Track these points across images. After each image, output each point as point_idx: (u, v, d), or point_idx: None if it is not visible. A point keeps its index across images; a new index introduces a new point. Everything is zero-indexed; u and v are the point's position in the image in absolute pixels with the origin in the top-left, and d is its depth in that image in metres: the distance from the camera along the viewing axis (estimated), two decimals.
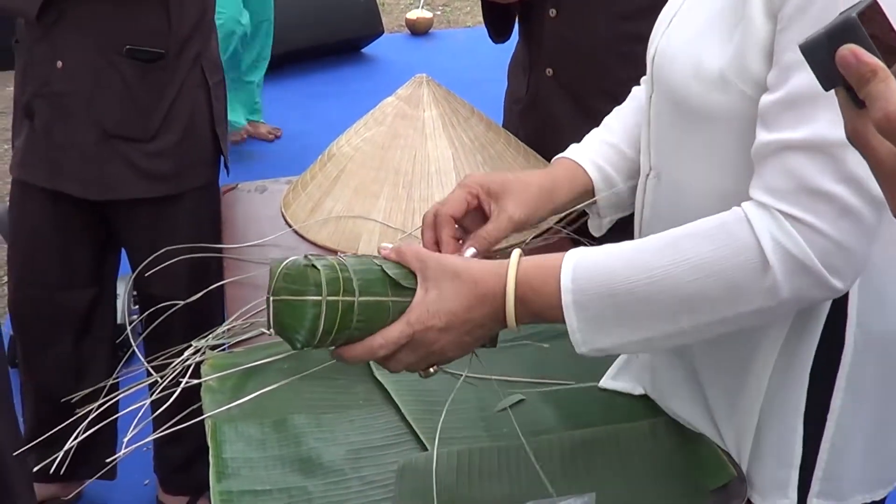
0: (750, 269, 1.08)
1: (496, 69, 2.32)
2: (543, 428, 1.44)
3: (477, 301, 1.15)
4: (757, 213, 1.10)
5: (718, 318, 1.11)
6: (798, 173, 1.08)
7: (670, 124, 1.28)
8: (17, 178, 2.39)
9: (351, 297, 1.14)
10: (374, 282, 1.17)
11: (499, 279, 1.15)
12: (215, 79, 2.38)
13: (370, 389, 1.53)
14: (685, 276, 1.10)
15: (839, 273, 1.09)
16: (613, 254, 1.14)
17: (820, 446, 1.26)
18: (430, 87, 2.06)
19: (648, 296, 1.11)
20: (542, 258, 1.18)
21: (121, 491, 2.83)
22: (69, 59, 2.21)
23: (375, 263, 1.19)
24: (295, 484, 1.34)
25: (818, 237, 1.07)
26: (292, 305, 1.13)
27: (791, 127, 1.09)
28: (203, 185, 2.39)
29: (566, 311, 1.13)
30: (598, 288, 1.12)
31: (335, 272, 1.15)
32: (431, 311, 1.16)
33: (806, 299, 1.11)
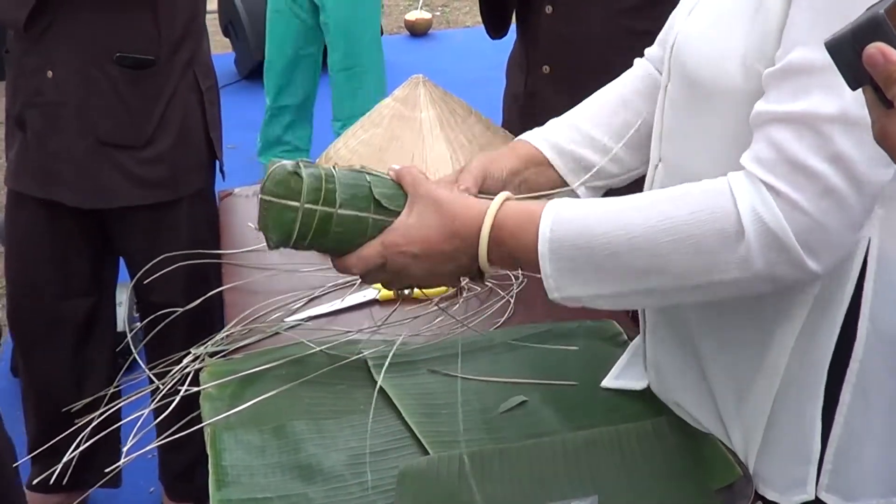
0: (724, 237, 1.08)
1: (497, 69, 2.31)
2: (545, 429, 1.43)
3: (452, 234, 1.19)
4: (741, 182, 1.09)
5: (691, 283, 1.11)
6: (784, 146, 1.07)
7: (684, 113, 1.27)
8: (12, 188, 2.38)
9: (330, 208, 1.20)
10: (358, 197, 1.21)
11: (477, 217, 1.19)
12: (208, 83, 2.37)
13: (370, 394, 1.51)
14: (661, 237, 1.10)
15: (815, 254, 1.07)
16: (596, 208, 1.16)
17: (829, 438, 1.24)
18: (426, 88, 2.05)
19: (624, 252, 1.12)
20: (523, 203, 1.20)
21: (126, 499, 2.82)
22: (59, 68, 2.19)
23: (366, 179, 1.23)
24: (295, 491, 1.32)
25: (797, 213, 1.06)
26: (273, 207, 1.20)
27: (785, 99, 1.08)
28: (199, 191, 2.38)
29: (541, 259, 1.15)
30: (576, 239, 1.13)
31: (319, 182, 1.20)
32: (406, 237, 1.20)
33: (779, 278, 1.10)
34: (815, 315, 1.20)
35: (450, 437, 1.42)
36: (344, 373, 1.55)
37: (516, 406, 1.48)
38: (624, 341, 1.59)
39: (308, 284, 1.81)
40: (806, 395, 1.23)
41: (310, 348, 1.58)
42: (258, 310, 1.74)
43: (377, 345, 1.62)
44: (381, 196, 1.22)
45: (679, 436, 1.38)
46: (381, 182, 1.24)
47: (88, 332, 2.51)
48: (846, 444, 1.24)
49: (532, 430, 1.43)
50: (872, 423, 1.24)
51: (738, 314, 1.25)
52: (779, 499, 1.28)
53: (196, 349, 1.62)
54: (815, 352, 1.22)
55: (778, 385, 1.24)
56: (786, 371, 1.23)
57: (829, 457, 1.24)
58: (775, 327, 1.23)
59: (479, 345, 1.63)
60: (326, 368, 1.55)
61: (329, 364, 1.56)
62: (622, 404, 1.47)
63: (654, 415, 1.43)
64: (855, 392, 1.22)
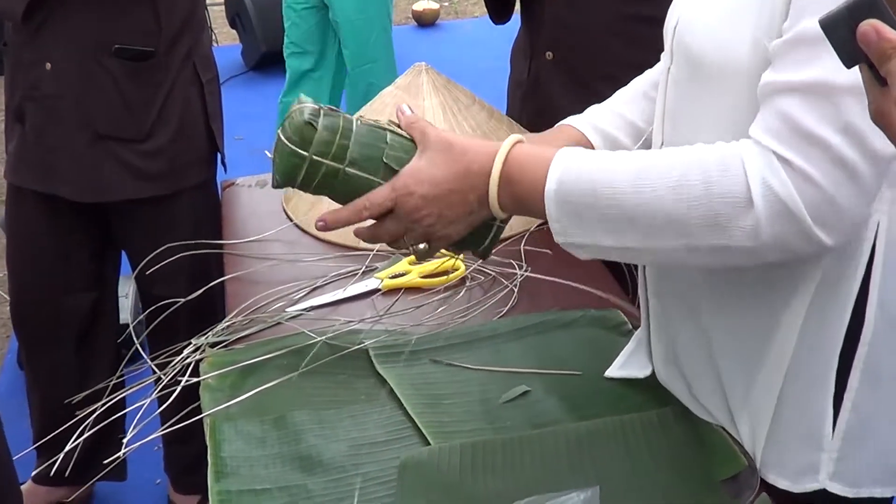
0: (733, 204, 1.07)
1: (504, 59, 2.29)
2: (548, 419, 1.41)
3: (462, 171, 1.19)
4: (752, 150, 1.08)
5: (696, 244, 1.10)
6: (795, 116, 1.06)
7: (688, 95, 1.26)
8: (12, 182, 2.36)
9: (338, 164, 1.21)
10: (370, 158, 1.22)
11: (489, 153, 1.19)
12: (208, 75, 2.35)
13: (371, 384, 1.51)
14: (669, 196, 1.09)
15: (826, 226, 1.06)
16: (607, 159, 1.15)
17: (836, 426, 1.23)
18: (429, 76, 2.03)
19: (630, 207, 1.11)
20: (537, 147, 1.20)
21: (132, 491, 2.81)
22: (57, 61, 2.18)
23: (385, 140, 1.22)
24: (295, 482, 1.31)
25: (809, 185, 1.04)
26: (283, 149, 1.21)
27: (794, 69, 1.06)
28: (200, 183, 2.36)
29: (547, 201, 1.15)
30: (583, 186, 1.13)
31: (333, 136, 1.20)
32: (416, 178, 1.20)
33: (789, 248, 1.08)
34: (823, 300, 1.19)
35: (452, 427, 1.40)
36: (345, 363, 1.54)
37: (519, 396, 1.46)
38: (628, 330, 1.57)
39: (310, 274, 1.80)
40: (816, 381, 1.22)
41: (311, 338, 1.57)
42: (259, 300, 1.73)
43: (379, 335, 1.60)
44: (393, 160, 1.22)
45: (684, 426, 1.36)
46: (400, 145, 1.23)
47: (91, 325, 2.50)
48: (854, 431, 1.23)
49: (535, 420, 1.42)
50: (880, 409, 1.23)
51: (745, 299, 1.23)
52: (789, 486, 1.26)
53: (197, 339, 1.61)
54: (824, 337, 1.20)
55: (786, 370, 1.23)
56: (794, 356, 1.22)
57: (835, 443, 1.23)
58: (782, 312, 1.21)
59: (481, 334, 1.61)
60: (328, 358, 1.54)
61: (330, 354, 1.55)
62: (626, 394, 1.46)
63: (660, 405, 1.41)
64: (863, 377, 1.21)
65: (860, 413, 1.22)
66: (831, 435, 1.23)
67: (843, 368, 1.21)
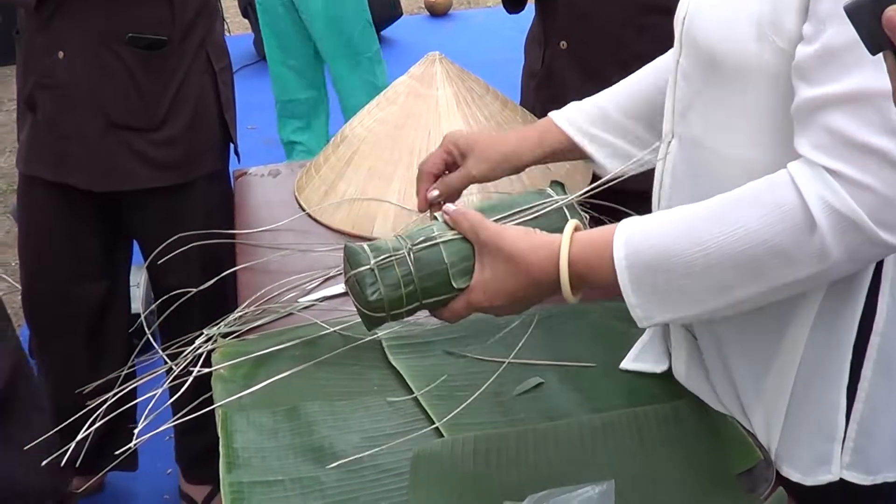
0: (797, 232, 1.05)
1: (518, 49, 2.28)
2: (562, 412, 1.40)
3: (532, 283, 1.19)
4: (803, 172, 1.06)
5: (773, 286, 1.09)
6: (842, 128, 1.04)
7: (697, 87, 1.25)
8: (24, 172, 2.36)
9: (414, 303, 1.28)
10: (439, 284, 1.26)
11: (551, 262, 1.18)
12: (221, 64, 2.34)
13: (385, 376, 1.50)
14: (736, 247, 1.08)
15: (890, 227, 1.04)
16: (664, 225, 1.14)
17: (850, 416, 1.23)
18: (443, 66, 2.02)
19: (702, 269, 1.10)
20: (592, 234, 1.19)
21: (144, 481, 2.81)
22: (70, 49, 2.17)
23: (442, 262, 1.25)
24: (307, 473, 1.30)
25: (866, 193, 1.03)
26: (364, 315, 1.30)
27: (832, 80, 1.05)
28: (213, 173, 2.36)
29: (623, 288, 1.14)
30: (651, 263, 1.12)
31: (398, 290, 1.26)
32: (487, 293, 1.23)
33: (861, 258, 1.07)
34: (835, 293, 1.18)
35: (465, 419, 1.39)
36: (358, 354, 1.53)
37: (532, 388, 1.45)
38: None
39: (322, 264, 1.79)
40: (829, 374, 1.22)
41: (324, 329, 1.56)
42: (272, 290, 1.72)
43: (392, 326, 1.59)
44: (459, 277, 1.25)
45: (699, 419, 1.36)
46: (458, 254, 1.26)
47: (102, 315, 2.50)
48: (868, 421, 1.23)
49: (548, 412, 1.41)
50: (893, 398, 1.22)
51: None
52: (802, 479, 1.26)
53: (209, 329, 1.60)
54: (836, 329, 1.20)
55: (798, 364, 1.22)
56: (807, 349, 1.21)
57: (850, 434, 1.23)
58: (792, 308, 1.21)
59: (495, 326, 1.60)
60: (340, 349, 1.53)
61: (343, 345, 1.54)
62: (641, 386, 1.45)
63: (674, 398, 1.40)
64: (876, 367, 1.21)
65: (874, 403, 1.22)
66: (845, 426, 1.23)
67: (856, 359, 1.21)
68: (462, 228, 1.25)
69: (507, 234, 1.21)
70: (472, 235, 1.24)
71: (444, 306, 1.27)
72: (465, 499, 1.24)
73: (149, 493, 2.85)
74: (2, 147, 5.07)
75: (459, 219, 1.25)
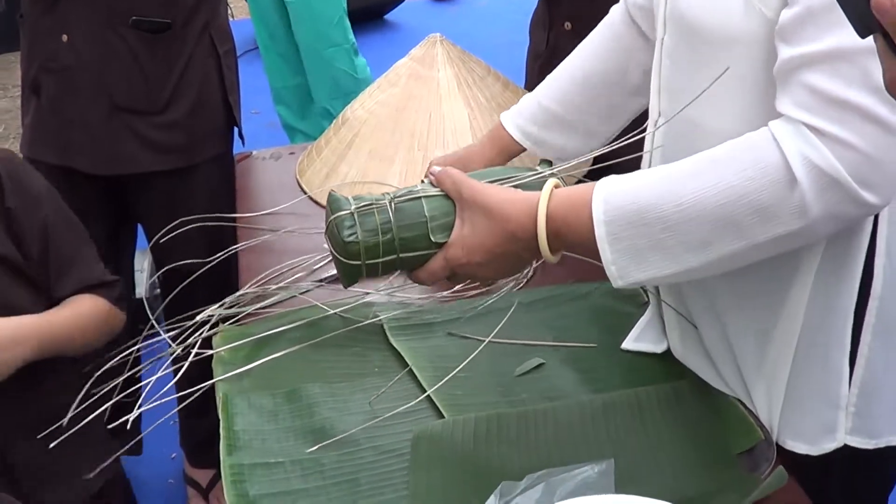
0: (777, 188, 1.05)
1: (521, 32, 2.27)
2: (563, 392, 1.40)
3: (509, 238, 1.19)
4: (784, 129, 1.06)
5: (751, 242, 1.08)
6: (823, 86, 1.04)
7: (685, 65, 1.25)
8: (28, 156, 2.35)
9: (392, 256, 1.26)
10: (418, 237, 1.25)
11: (530, 216, 1.17)
12: (225, 47, 2.33)
13: (385, 357, 1.50)
14: (713, 201, 1.07)
15: (872, 186, 1.04)
16: (644, 182, 1.13)
17: (851, 381, 1.23)
18: (444, 47, 2.01)
19: (679, 223, 1.09)
20: (571, 190, 1.18)
21: (148, 465, 2.81)
22: (75, 32, 2.16)
23: (423, 215, 1.25)
24: (307, 455, 1.30)
25: (847, 150, 1.03)
26: (339, 262, 1.28)
27: (812, 39, 1.04)
28: (217, 156, 2.35)
29: (600, 244, 1.12)
30: (630, 217, 1.10)
31: (375, 236, 1.25)
32: (466, 248, 1.22)
33: (841, 217, 1.06)
34: (831, 258, 1.18)
35: (465, 400, 1.40)
36: (359, 336, 1.53)
37: (533, 369, 1.45)
38: (644, 302, 1.56)
39: (323, 247, 1.78)
40: (830, 341, 1.22)
41: (324, 311, 1.56)
42: (273, 273, 1.72)
43: (393, 307, 1.59)
44: (439, 231, 1.24)
45: (700, 399, 1.36)
46: (439, 210, 1.25)
47: None
48: (868, 385, 1.23)
49: (549, 392, 1.41)
50: (892, 360, 1.23)
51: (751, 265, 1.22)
52: (808, 450, 1.26)
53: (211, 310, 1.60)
54: (836, 296, 1.20)
55: (799, 332, 1.22)
56: (807, 317, 1.21)
57: (852, 398, 1.23)
58: (790, 274, 1.21)
59: (496, 307, 1.60)
60: (341, 330, 1.53)
61: (344, 327, 1.54)
62: (642, 366, 1.45)
63: (675, 377, 1.40)
64: (875, 331, 1.21)
65: (874, 366, 1.22)
66: (847, 391, 1.23)
67: (856, 324, 1.21)
68: (445, 186, 1.25)
69: (488, 190, 1.22)
70: (454, 192, 1.24)
71: (422, 266, 1.27)
72: (465, 479, 1.24)
73: (153, 477, 2.85)
74: (6, 133, 5.07)
75: (443, 177, 1.26)
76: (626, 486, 1.15)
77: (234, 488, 1.25)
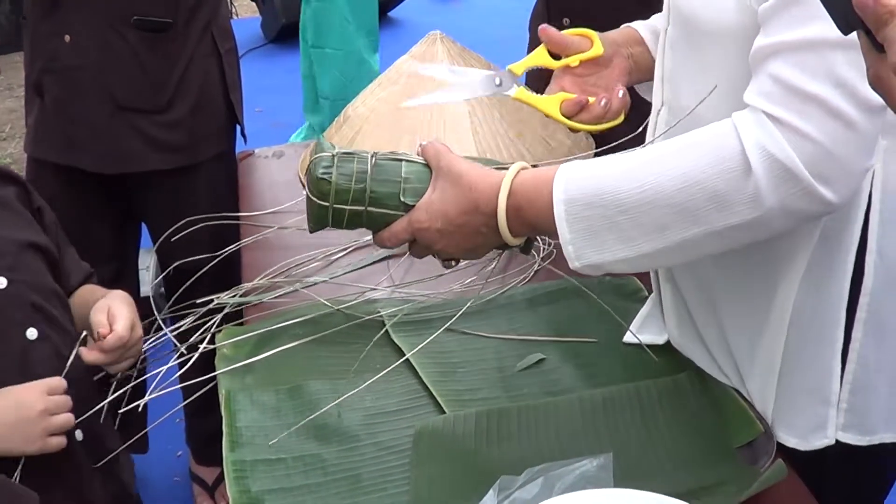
0: (732, 176, 1.05)
1: (521, 28, 2.27)
2: (564, 387, 1.41)
3: (470, 207, 1.19)
4: (745, 118, 1.07)
5: (706, 230, 1.08)
6: (786, 75, 1.04)
7: (684, 55, 1.25)
8: (32, 155, 2.36)
9: (359, 207, 1.25)
10: (388, 195, 1.25)
11: (493, 188, 1.18)
12: (227, 46, 2.34)
13: (387, 353, 1.50)
14: (671, 185, 1.08)
15: (829, 182, 1.04)
16: (606, 165, 1.14)
17: (843, 378, 1.23)
18: (444, 45, 2.02)
19: (636, 206, 1.09)
20: (537, 171, 1.19)
21: (154, 463, 2.82)
22: (77, 33, 2.17)
23: (401, 175, 1.25)
24: (309, 451, 1.31)
25: (805, 142, 1.03)
26: (310, 201, 1.27)
27: (783, 30, 1.05)
28: (219, 155, 2.35)
29: (558, 222, 1.13)
30: (589, 198, 1.11)
31: (349, 182, 1.25)
32: (429, 213, 1.22)
33: (796, 212, 1.06)
34: (822, 253, 1.19)
35: (467, 395, 1.40)
36: (361, 332, 1.54)
37: (534, 364, 1.46)
38: (644, 297, 1.56)
39: (326, 244, 1.80)
40: (821, 337, 1.22)
41: (326, 308, 1.57)
42: (276, 270, 1.73)
43: (395, 304, 1.60)
44: (410, 194, 1.24)
45: (700, 393, 1.36)
46: (416, 175, 1.25)
47: None
48: (860, 382, 1.23)
49: (550, 387, 1.41)
50: (884, 358, 1.23)
51: (744, 257, 1.23)
52: (799, 444, 1.27)
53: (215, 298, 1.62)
54: (826, 292, 1.20)
55: (787, 326, 1.22)
56: (797, 312, 1.22)
57: (844, 395, 1.23)
58: (781, 267, 1.21)
59: (497, 302, 1.61)
60: (343, 326, 1.53)
61: (345, 323, 1.54)
62: (642, 361, 1.45)
63: (675, 372, 1.40)
64: (866, 328, 1.21)
65: (866, 363, 1.22)
66: (839, 388, 1.23)
67: (847, 321, 1.21)
68: (427, 155, 1.25)
69: (464, 163, 1.22)
70: (433, 161, 1.24)
71: (387, 226, 1.26)
72: (466, 474, 1.25)
73: (159, 475, 2.86)
74: (13, 133, 5.09)
75: (428, 147, 1.25)
76: (626, 479, 1.15)
77: (236, 484, 1.25)
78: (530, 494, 1.10)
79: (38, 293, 1.48)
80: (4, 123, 5.27)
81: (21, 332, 1.42)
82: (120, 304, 1.51)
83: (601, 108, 1.39)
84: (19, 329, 1.43)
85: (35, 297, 1.46)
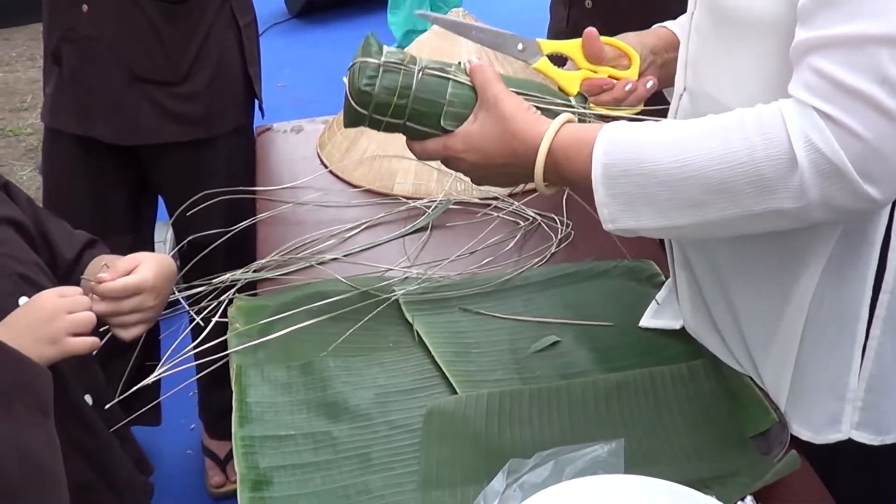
0: (777, 164, 1.03)
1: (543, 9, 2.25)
2: (577, 370, 1.40)
3: (510, 152, 1.20)
4: (792, 109, 1.04)
5: (744, 212, 1.07)
6: (832, 71, 1.02)
7: (710, 42, 1.23)
8: (48, 125, 2.35)
9: (398, 120, 1.25)
10: (429, 114, 1.24)
11: (536, 137, 1.18)
12: (246, 19, 2.32)
13: (401, 332, 1.49)
14: (713, 164, 1.06)
15: (875, 181, 1.02)
16: (649, 133, 1.12)
17: (859, 375, 1.22)
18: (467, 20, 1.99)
19: (676, 180, 1.08)
20: (580, 127, 1.19)
21: (167, 436, 2.83)
22: (95, 3, 2.16)
23: (444, 96, 1.24)
24: (320, 428, 1.30)
25: (853, 140, 1.01)
26: (349, 104, 1.25)
27: (828, 24, 1.02)
28: (236, 128, 2.34)
29: (595, 184, 1.12)
30: (629, 165, 1.11)
31: (391, 96, 1.23)
32: (467, 144, 1.23)
33: (838, 207, 1.04)
34: (845, 246, 1.17)
35: (479, 376, 1.39)
36: (374, 310, 1.53)
37: (549, 346, 1.45)
38: (661, 282, 1.55)
39: (342, 220, 1.79)
40: (839, 331, 1.20)
41: (341, 285, 1.56)
42: (291, 246, 1.72)
43: (409, 282, 1.59)
44: (451, 118, 1.24)
45: (715, 380, 1.34)
46: (460, 100, 1.24)
47: None
48: (877, 380, 1.21)
49: (564, 370, 1.40)
50: None
51: (763, 247, 1.22)
52: (812, 438, 1.25)
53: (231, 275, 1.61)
54: (847, 287, 1.18)
55: (804, 321, 1.21)
56: (816, 305, 1.20)
57: (860, 393, 1.22)
58: (801, 258, 1.19)
59: (512, 283, 1.59)
60: (357, 305, 1.52)
61: (360, 301, 1.53)
62: (658, 346, 1.44)
63: (691, 357, 1.39)
64: (885, 326, 1.19)
65: (884, 361, 1.21)
66: (856, 385, 1.22)
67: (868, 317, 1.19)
68: (476, 80, 1.24)
69: (511, 101, 1.21)
70: (480, 89, 1.23)
71: (421, 140, 1.26)
72: (476, 456, 1.24)
73: (172, 448, 2.87)
74: (34, 102, 5.09)
75: (477, 70, 1.24)
76: (637, 466, 1.14)
77: (245, 460, 1.25)
78: (540, 478, 1.09)
79: (22, 265, 1.45)
80: (26, 94, 5.27)
81: (13, 302, 1.40)
82: (148, 263, 1.47)
83: (624, 92, 1.37)
84: (10, 298, 1.40)
85: (21, 268, 1.44)
